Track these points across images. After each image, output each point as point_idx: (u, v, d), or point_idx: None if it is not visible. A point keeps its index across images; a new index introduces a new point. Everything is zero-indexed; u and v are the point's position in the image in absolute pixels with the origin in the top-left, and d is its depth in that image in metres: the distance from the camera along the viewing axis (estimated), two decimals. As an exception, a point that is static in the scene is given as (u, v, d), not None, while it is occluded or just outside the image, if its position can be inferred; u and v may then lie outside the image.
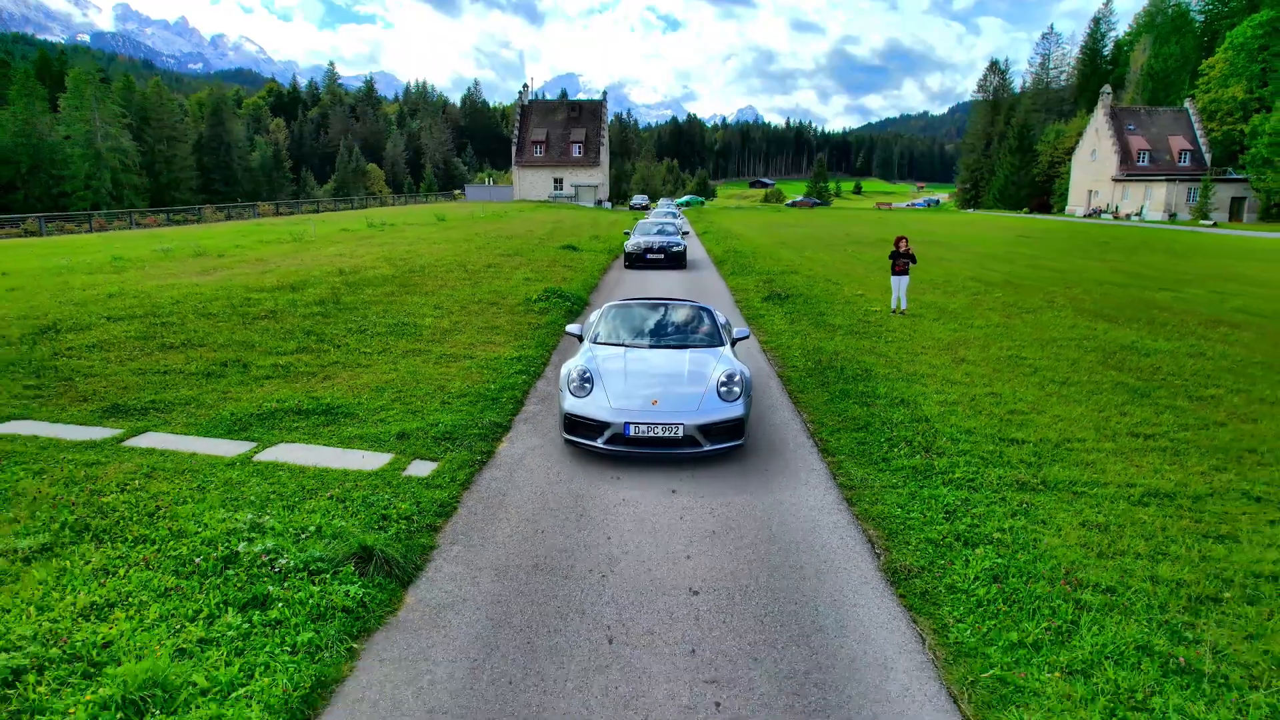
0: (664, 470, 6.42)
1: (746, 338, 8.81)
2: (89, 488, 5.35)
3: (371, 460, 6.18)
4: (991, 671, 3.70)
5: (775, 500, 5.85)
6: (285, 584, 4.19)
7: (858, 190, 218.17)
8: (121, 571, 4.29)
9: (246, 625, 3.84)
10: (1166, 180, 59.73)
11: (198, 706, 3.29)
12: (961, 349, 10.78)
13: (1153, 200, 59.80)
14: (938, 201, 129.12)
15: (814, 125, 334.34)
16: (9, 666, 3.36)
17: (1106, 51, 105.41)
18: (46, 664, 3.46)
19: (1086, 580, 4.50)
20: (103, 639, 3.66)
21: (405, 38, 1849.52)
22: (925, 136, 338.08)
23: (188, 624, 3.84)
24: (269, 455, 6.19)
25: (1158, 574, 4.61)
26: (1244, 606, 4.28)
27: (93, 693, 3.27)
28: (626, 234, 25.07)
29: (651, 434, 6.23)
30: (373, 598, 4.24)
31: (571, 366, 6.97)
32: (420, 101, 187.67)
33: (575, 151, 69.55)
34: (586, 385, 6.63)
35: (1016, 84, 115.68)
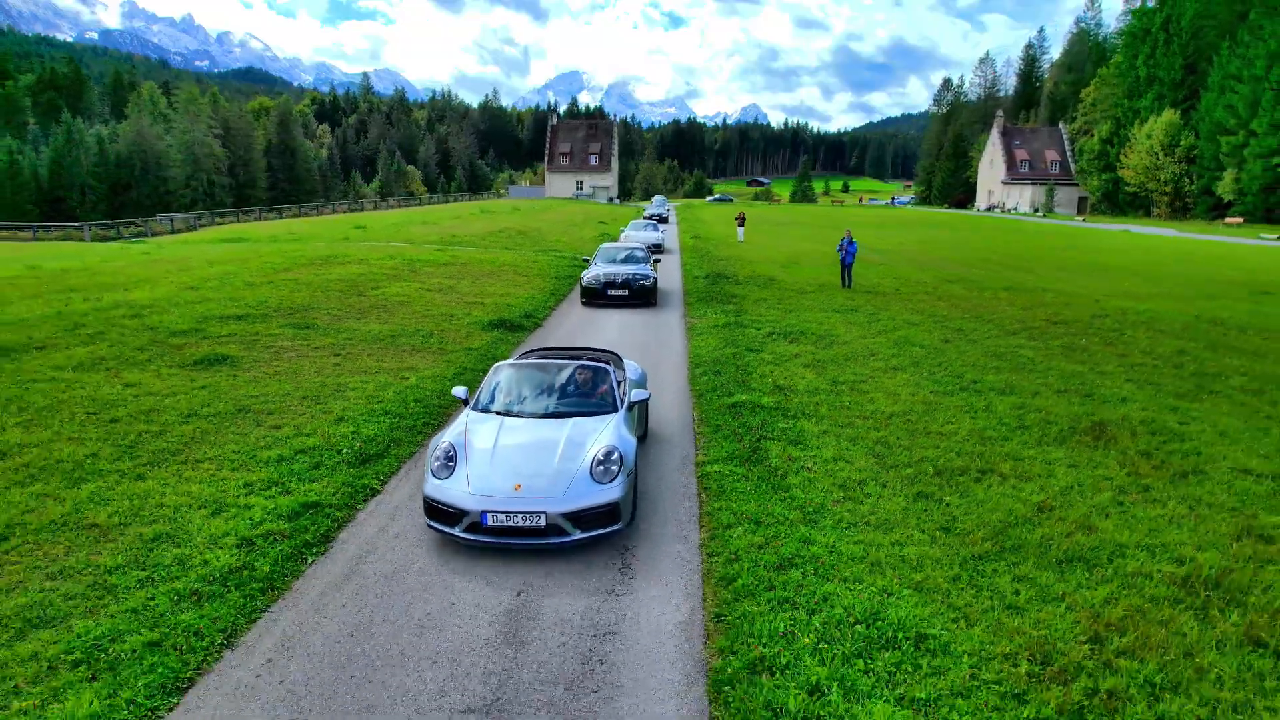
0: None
1: (647, 399, 7.61)
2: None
3: (568, 255, 26.70)
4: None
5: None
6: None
7: (845, 189, 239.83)
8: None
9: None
10: (1032, 184, 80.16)
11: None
12: (749, 252, 31.20)
13: (1023, 198, 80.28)
14: (902, 201, 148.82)
15: (811, 125, 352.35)
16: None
17: (1043, 72, 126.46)
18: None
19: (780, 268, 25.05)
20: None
21: (407, 34, 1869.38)
22: (921, 136, 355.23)
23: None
24: (545, 252, 26.71)
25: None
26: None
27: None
28: (585, 261, 21.17)
29: (511, 524, 5.74)
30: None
31: (438, 441, 6.47)
32: (445, 107, 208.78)
33: (592, 160, 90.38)
34: (450, 465, 6.16)
35: (974, 96, 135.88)
